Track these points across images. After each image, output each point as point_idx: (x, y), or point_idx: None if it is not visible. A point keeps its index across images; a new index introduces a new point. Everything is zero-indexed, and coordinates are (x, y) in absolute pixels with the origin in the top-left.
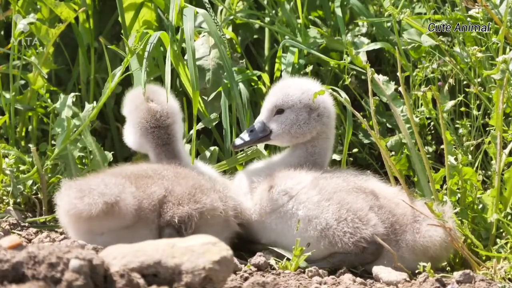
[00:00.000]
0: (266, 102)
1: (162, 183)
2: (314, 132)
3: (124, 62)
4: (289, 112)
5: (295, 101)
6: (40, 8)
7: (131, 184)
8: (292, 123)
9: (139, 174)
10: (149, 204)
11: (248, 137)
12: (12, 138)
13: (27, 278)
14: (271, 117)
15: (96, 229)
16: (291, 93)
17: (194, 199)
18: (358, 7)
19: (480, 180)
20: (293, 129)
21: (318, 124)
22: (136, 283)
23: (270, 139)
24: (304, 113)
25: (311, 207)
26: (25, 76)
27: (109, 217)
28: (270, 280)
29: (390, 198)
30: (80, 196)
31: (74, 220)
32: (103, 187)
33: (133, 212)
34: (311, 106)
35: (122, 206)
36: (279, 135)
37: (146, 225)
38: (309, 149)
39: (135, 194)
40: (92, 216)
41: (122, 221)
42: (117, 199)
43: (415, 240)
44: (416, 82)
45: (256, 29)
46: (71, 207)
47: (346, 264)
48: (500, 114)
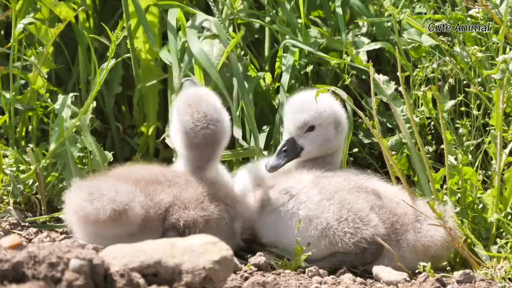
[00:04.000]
0: (294, 117)
1: (171, 190)
2: (338, 145)
3: (109, 53)
4: (320, 128)
5: (326, 117)
6: (40, 8)
7: (140, 192)
8: (324, 139)
9: (150, 180)
10: (155, 213)
11: (283, 158)
12: (12, 138)
13: (27, 278)
14: (301, 134)
15: (101, 233)
16: (321, 109)
17: (201, 206)
18: (358, 7)
19: (480, 180)
20: (324, 145)
21: (342, 137)
22: (136, 282)
23: (300, 156)
24: (331, 129)
25: (312, 206)
26: (25, 76)
27: (115, 224)
28: (270, 280)
29: (391, 198)
30: (90, 199)
31: (81, 222)
32: (114, 194)
33: (140, 221)
34: (337, 121)
35: (130, 215)
36: (309, 152)
37: (151, 233)
38: (327, 159)
39: (143, 204)
40: (99, 221)
41: (128, 229)
42: (125, 207)
43: (416, 240)
44: (416, 82)
45: (256, 29)
46: (79, 209)
47: (346, 264)
48: (500, 114)
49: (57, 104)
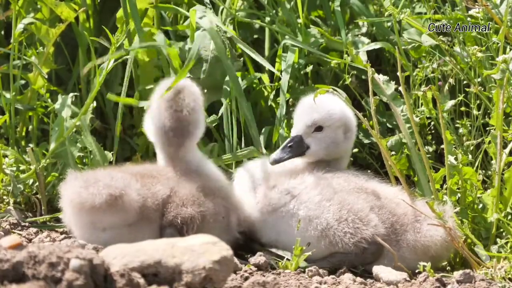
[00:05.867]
0: (304, 116)
1: (168, 183)
2: (345, 151)
3: (109, 54)
4: (329, 130)
5: (336, 120)
6: (41, 8)
7: (136, 182)
8: (331, 142)
9: (145, 173)
10: (152, 203)
11: (287, 153)
12: (12, 138)
13: (28, 278)
14: (309, 133)
15: (98, 222)
16: (332, 111)
17: (198, 202)
18: (358, 7)
19: (480, 179)
20: (330, 148)
21: (350, 143)
22: (136, 282)
23: (305, 154)
24: (340, 133)
25: (312, 207)
26: (25, 76)
27: (112, 210)
28: (270, 280)
29: (391, 198)
30: (85, 186)
31: (77, 210)
32: (109, 180)
33: (137, 209)
34: (346, 125)
35: (126, 201)
36: (315, 153)
37: (148, 223)
38: (332, 163)
39: (140, 191)
40: (95, 206)
41: (125, 217)
42: (121, 192)
43: (416, 240)
44: (416, 82)
45: (256, 29)
46: (75, 196)
47: (346, 264)
48: (500, 113)
49: (57, 104)
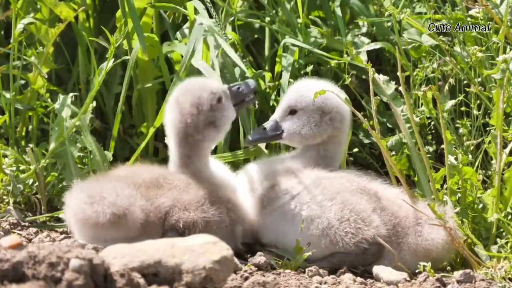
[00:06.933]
0: (282, 101)
1: (172, 194)
2: (325, 136)
3: (108, 54)
4: (302, 113)
5: (308, 103)
6: (40, 8)
7: (141, 197)
8: (304, 124)
9: (151, 183)
10: (155, 217)
11: (260, 134)
12: (12, 138)
13: (27, 278)
14: (284, 117)
15: (100, 236)
16: (305, 94)
17: (202, 208)
18: (358, 7)
19: (480, 179)
20: (303, 130)
21: (330, 127)
22: (136, 282)
23: (281, 138)
24: (316, 116)
25: (314, 207)
26: (25, 76)
27: (114, 227)
28: (270, 280)
29: (393, 200)
30: (90, 202)
31: (80, 224)
32: (115, 197)
33: (139, 225)
34: (324, 109)
35: (130, 220)
36: (290, 135)
37: (150, 237)
38: (321, 152)
39: (144, 208)
40: (99, 224)
41: (127, 233)
42: (125, 211)
43: (417, 243)
44: (416, 82)
45: (256, 29)
46: (79, 211)
47: (346, 264)
48: (500, 113)
49: (57, 104)
